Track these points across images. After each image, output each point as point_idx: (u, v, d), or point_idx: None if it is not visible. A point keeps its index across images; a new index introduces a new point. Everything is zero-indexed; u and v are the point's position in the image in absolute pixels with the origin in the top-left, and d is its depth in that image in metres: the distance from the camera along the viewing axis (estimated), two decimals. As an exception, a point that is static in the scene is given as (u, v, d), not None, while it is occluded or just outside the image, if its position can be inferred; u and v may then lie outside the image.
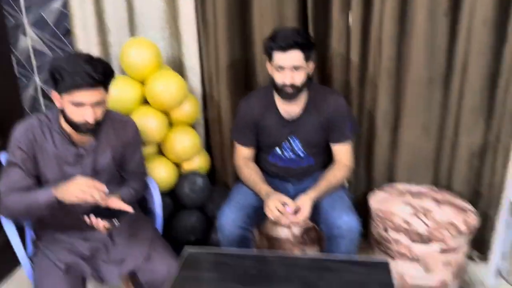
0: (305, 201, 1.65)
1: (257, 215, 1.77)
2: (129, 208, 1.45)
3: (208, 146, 2.35)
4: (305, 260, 1.49)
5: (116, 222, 1.42)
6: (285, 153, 1.86)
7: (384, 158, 2.13)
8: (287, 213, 1.62)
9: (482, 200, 2.06)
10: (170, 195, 2.12)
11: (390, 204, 1.88)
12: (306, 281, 1.37)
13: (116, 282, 1.56)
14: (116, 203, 1.45)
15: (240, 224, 1.69)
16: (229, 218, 1.69)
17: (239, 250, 1.63)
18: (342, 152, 1.84)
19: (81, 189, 1.36)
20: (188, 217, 2.08)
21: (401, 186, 2.05)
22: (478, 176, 2.05)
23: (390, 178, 2.16)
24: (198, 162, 2.19)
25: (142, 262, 1.55)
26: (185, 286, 1.37)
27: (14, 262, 1.62)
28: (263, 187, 1.75)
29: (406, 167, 2.10)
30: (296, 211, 1.63)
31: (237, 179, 1.96)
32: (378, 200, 1.93)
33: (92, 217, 1.42)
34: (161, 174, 2.03)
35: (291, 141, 1.83)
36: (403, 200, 1.90)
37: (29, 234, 1.70)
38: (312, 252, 1.95)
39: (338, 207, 1.68)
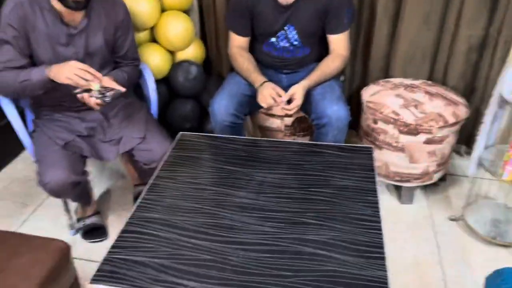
0: (298, 90, 1.66)
1: (249, 104, 1.80)
2: (121, 88, 1.47)
3: (203, 35, 2.30)
4: (293, 145, 1.55)
5: (107, 98, 1.45)
6: (280, 43, 1.83)
7: (381, 51, 2.10)
8: (280, 102, 1.64)
9: (476, 95, 2.07)
10: (165, 84, 2.13)
11: (382, 96, 1.89)
12: (292, 162, 1.44)
13: (113, 160, 1.65)
14: (109, 82, 1.47)
15: (232, 112, 1.72)
16: (222, 105, 1.72)
17: (231, 136, 1.69)
18: (338, 41, 1.80)
19: (74, 72, 1.38)
20: (182, 105, 2.11)
21: (396, 80, 2.05)
22: (475, 70, 2.04)
23: (386, 73, 2.15)
24: (193, 51, 2.16)
25: (138, 143, 1.62)
26: (177, 165, 1.45)
27: (20, 145, 1.68)
28: (256, 77, 1.75)
29: (403, 61, 2.08)
30: (289, 101, 1.65)
31: (232, 68, 1.95)
32: (370, 93, 1.94)
33: (85, 94, 1.45)
34: (155, 61, 2.02)
35: (287, 29, 1.79)
36: (396, 93, 1.91)
37: (29, 114, 1.75)
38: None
39: (328, 97, 1.69)
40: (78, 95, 1.47)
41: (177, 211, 1.24)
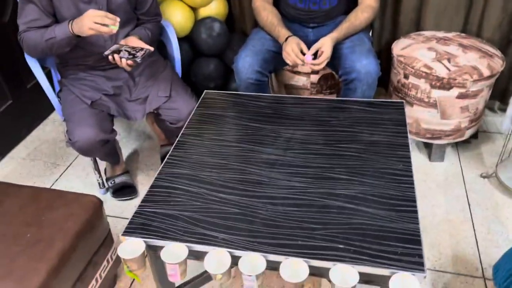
0: (326, 42, 1.59)
1: (274, 60, 1.75)
2: (148, 46, 1.47)
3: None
4: (320, 101, 1.51)
5: (138, 59, 1.45)
6: None
7: (412, 1, 1.99)
8: (306, 60, 1.59)
9: (512, 48, 1.97)
10: (188, 42, 2.09)
11: (413, 49, 1.81)
12: (320, 119, 1.41)
13: (140, 119, 1.65)
14: (136, 42, 1.47)
15: (257, 69, 1.68)
16: (246, 62, 1.68)
17: (256, 93, 1.67)
18: (367, -8, 1.71)
19: (93, 20, 1.36)
20: (206, 64, 2.08)
21: (428, 33, 1.95)
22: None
23: (418, 25, 2.05)
24: (215, 8, 2.11)
25: (164, 101, 1.62)
26: (203, 122, 1.44)
27: (48, 107, 1.71)
28: (281, 31, 1.69)
29: (435, 12, 1.97)
30: (315, 56, 1.60)
31: (255, 24, 1.89)
32: (401, 47, 1.86)
33: (115, 55, 1.46)
34: (177, 18, 1.98)
35: None
36: (428, 46, 1.82)
37: (56, 75, 1.76)
38: (329, 99, 1.98)
39: (358, 51, 1.63)
40: (109, 57, 1.48)
41: (204, 167, 1.24)
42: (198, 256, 1.02)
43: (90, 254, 1.23)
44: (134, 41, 1.51)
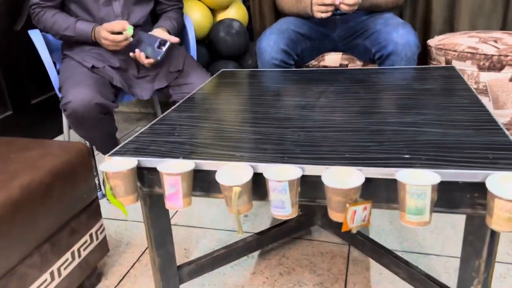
0: None
1: (302, 43, 1.58)
2: (174, 38, 1.40)
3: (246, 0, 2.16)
4: (358, 72, 1.32)
5: (159, 56, 1.38)
6: None
7: (445, 1, 1.87)
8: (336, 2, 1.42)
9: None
10: (205, 45, 1.97)
11: (452, 39, 1.64)
12: (356, 77, 1.20)
13: (147, 98, 1.46)
14: (162, 33, 1.45)
15: (283, 47, 1.51)
16: (271, 40, 1.52)
17: (278, 69, 1.48)
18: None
19: (107, 44, 1.40)
20: (224, 67, 1.93)
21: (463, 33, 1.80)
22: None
23: (451, 26, 1.90)
24: (234, 14, 2.02)
25: (175, 77, 1.44)
26: (219, 84, 1.24)
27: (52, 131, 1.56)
28: (306, 1, 1.55)
29: (470, 10, 1.83)
30: None
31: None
32: (438, 39, 1.70)
33: (137, 51, 1.40)
34: (195, 17, 1.87)
35: None
36: (468, 35, 1.65)
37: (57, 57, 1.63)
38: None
39: (392, 23, 1.46)
40: (131, 54, 1.43)
41: (220, 111, 1.02)
42: (207, 180, 0.75)
43: (67, 211, 0.95)
44: (159, 32, 1.46)
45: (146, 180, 0.79)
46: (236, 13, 2.01)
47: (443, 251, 1.18)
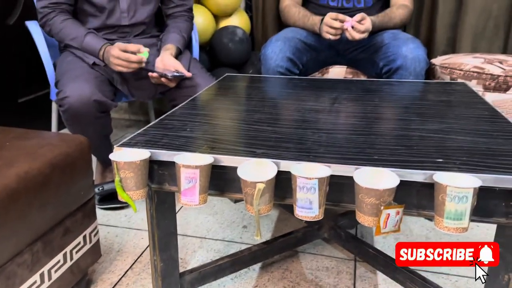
0: (364, 15, 1.41)
1: (308, 53, 1.56)
2: (187, 73, 1.35)
3: (249, 9, 2.14)
4: (365, 83, 1.29)
5: (171, 73, 1.33)
6: None
7: (448, 21, 1.88)
8: (345, 26, 1.40)
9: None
10: (206, 52, 1.93)
11: (456, 59, 1.64)
12: (367, 87, 1.17)
13: (148, 101, 1.40)
14: (172, 64, 1.36)
15: (289, 55, 1.48)
16: (277, 47, 1.48)
17: (284, 76, 1.44)
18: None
19: (117, 63, 1.28)
20: (225, 73, 1.89)
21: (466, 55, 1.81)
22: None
23: (453, 48, 1.91)
24: (237, 21, 1.99)
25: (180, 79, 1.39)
26: (225, 87, 1.20)
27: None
28: (315, 18, 1.54)
29: (472, 33, 1.85)
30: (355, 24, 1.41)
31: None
32: (442, 59, 1.70)
33: (154, 74, 1.34)
34: (197, 22, 1.84)
35: None
36: (472, 56, 1.66)
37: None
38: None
39: (402, 37, 1.45)
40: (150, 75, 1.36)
41: (232, 110, 0.97)
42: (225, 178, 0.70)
43: (63, 207, 0.88)
44: (170, 62, 1.36)
45: (155, 176, 0.73)
46: (238, 21, 1.99)
47: (452, 269, 1.14)
